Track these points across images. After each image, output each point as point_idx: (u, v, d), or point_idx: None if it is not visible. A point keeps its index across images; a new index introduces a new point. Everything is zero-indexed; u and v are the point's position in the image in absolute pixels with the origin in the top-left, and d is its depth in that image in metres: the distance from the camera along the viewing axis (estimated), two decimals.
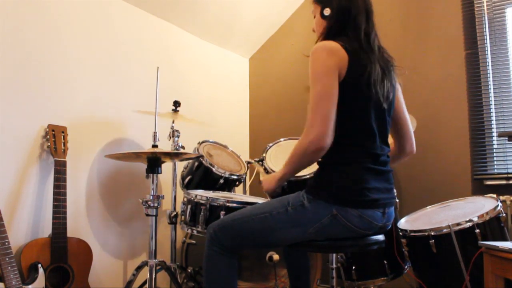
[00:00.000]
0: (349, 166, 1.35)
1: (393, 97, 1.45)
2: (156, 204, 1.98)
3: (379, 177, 1.37)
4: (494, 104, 2.45)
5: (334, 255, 1.87)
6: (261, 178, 1.66)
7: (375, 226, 1.36)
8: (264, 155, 2.37)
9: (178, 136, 2.35)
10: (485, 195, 1.99)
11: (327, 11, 1.43)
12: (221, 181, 2.27)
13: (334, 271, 1.88)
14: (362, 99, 1.35)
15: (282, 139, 2.50)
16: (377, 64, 1.37)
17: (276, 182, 1.49)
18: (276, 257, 1.93)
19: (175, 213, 2.25)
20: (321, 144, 1.29)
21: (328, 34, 1.43)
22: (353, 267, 2.08)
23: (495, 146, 2.44)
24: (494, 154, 2.43)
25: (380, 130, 1.40)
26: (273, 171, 2.27)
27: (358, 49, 1.35)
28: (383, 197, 1.36)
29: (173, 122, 2.39)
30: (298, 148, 1.35)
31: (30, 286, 1.68)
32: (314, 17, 1.52)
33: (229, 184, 2.34)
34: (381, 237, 1.47)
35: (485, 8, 2.49)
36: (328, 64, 1.30)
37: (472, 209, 1.86)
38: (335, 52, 1.32)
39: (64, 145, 2.02)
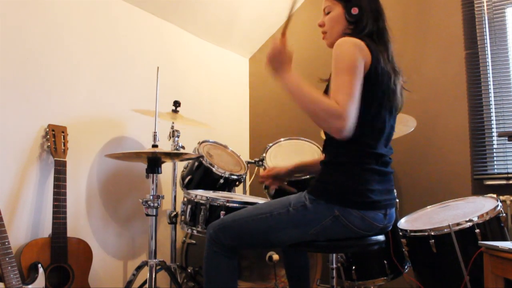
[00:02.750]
0: (353, 167, 1.34)
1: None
2: (156, 204, 1.98)
3: (381, 178, 1.36)
4: (494, 104, 2.45)
5: (334, 255, 1.87)
6: None
7: (376, 228, 1.36)
8: (264, 155, 2.37)
9: (178, 136, 2.35)
10: (485, 195, 1.99)
11: (355, 10, 1.41)
12: (221, 181, 2.26)
13: (334, 271, 1.88)
14: (379, 99, 1.35)
15: (282, 139, 2.50)
16: (397, 70, 1.40)
17: (281, 77, 1.45)
18: (276, 257, 1.93)
19: (175, 213, 2.25)
20: (345, 126, 1.20)
21: (351, 34, 1.41)
22: (353, 267, 2.08)
23: (495, 146, 2.44)
24: (494, 154, 2.43)
25: (388, 131, 1.40)
26: None
27: (381, 53, 1.36)
28: (384, 199, 1.36)
29: (173, 122, 2.39)
30: (325, 104, 1.22)
31: (30, 286, 1.68)
32: (327, 13, 1.49)
33: (229, 184, 2.34)
34: (381, 237, 1.46)
35: (485, 8, 2.49)
36: (356, 55, 1.29)
37: (472, 209, 1.86)
38: (360, 47, 1.31)
39: (64, 145, 2.02)
